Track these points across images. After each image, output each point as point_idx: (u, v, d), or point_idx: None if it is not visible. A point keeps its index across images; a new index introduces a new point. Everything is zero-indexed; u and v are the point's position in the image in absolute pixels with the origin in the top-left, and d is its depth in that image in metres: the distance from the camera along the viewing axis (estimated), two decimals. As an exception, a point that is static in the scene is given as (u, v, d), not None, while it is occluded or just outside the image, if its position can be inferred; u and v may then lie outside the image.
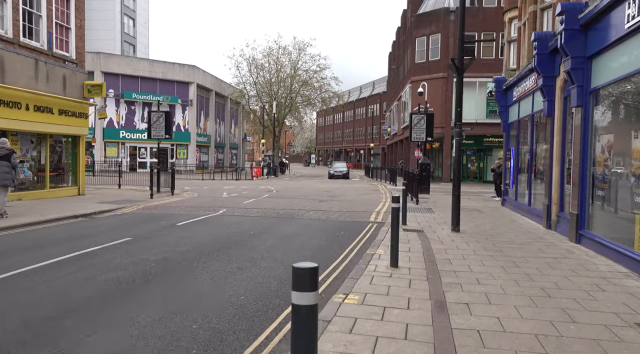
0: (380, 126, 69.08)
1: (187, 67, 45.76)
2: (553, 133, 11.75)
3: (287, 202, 18.30)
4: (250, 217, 13.81)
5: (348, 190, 26.09)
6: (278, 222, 12.75)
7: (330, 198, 20.42)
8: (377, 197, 21.34)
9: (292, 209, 15.90)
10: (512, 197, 17.06)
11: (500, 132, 36.85)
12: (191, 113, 45.88)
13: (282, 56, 50.04)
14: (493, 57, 35.50)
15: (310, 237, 10.37)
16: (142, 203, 16.86)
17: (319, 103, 52.90)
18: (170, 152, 45.25)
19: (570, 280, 6.68)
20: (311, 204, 17.76)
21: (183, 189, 24.68)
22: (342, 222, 13.03)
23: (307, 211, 15.50)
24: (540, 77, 11.87)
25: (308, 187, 28.41)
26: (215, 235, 10.52)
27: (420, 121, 22.11)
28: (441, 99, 35.63)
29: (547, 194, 11.91)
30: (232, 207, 16.05)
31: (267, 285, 6.48)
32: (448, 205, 17.55)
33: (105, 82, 42.12)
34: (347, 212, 15.19)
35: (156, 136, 22.31)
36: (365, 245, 9.53)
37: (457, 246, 9.19)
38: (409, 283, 6.33)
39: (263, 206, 16.55)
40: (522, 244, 9.62)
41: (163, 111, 22.57)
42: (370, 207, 16.75)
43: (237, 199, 19.19)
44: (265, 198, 19.93)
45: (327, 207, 16.51)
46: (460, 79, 11.13)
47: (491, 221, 13.30)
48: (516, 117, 16.44)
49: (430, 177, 24.15)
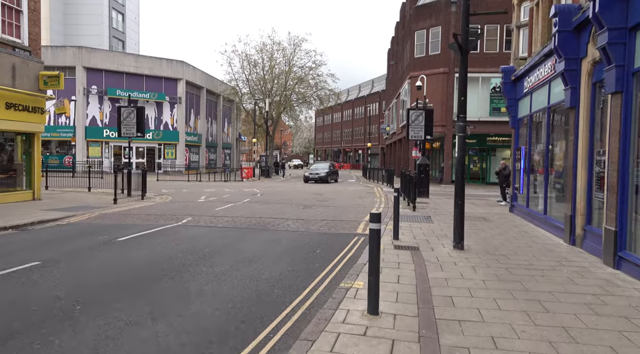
0: (379, 125, 66.92)
1: (176, 63, 43.65)
2: (578, 128, 9.61)
3: (267, 208, 16.19)
4: (215, 228, 11.68)
5: (340, 193, 23.96)
6: (245, 236, 10.62)
7: (318, 203, 18.30)
8: (370, 202, 19.21)
9: (269, 217, 13.77)
10: (522, 203, 14.92)
11: (505, 131, 34.86)
12: (180, 111, 43.77)
13: (276, 52, 47.89)
14: (497, 51, 33.37)
15: (275, 260, 8.23)
16: (99, 210, 14.75)
17: (315, 101, 50.69)
18: (157, 152, 43.19)
19: (633, 341, 4.54)
20: (294, 210, 15.64)
21: (160, 192, 22.59)
22: (323, 235, 10.90)
23: (286, 219, 13.36)
24: (562, 60, 9.74)
25: (297, 190, 26.28)
26: (157, 256, 8.39)
27: (419, 117, 19.97)
28: (442, 96, 33.47)
29: (570, 203, 9.76)
30: (201, 215, 13.92)
31: None
32: (450, 211, 15.43)
33: (89, 79, 40.34)
34: (332, 222, 13.05)
35: (127, 134, 20.20)
36: (342, 271, 7.40)
37: (461, 274, 7.06)
38: (391, 349, 4.20)
39: (237, 214, 14.43)
40: (545, 269, 7.47)
41: (134, 107, 20.44)
42: (360, 215, 14.62)
43: (213, 204, 17.07)
44: (244, 203, 17.81)
45: (310, 215, 14.38)
46: (465, 61, 9.00)
47: (500, 234, 11.17)
48: (527, 111, 14.30)
49: (429, 179, 22.01)
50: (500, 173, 19.10)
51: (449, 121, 33.63)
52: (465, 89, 9.11)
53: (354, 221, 13.35)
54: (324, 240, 10.28)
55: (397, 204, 10.19)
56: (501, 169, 19.20)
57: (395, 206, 10.22)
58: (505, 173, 18.74)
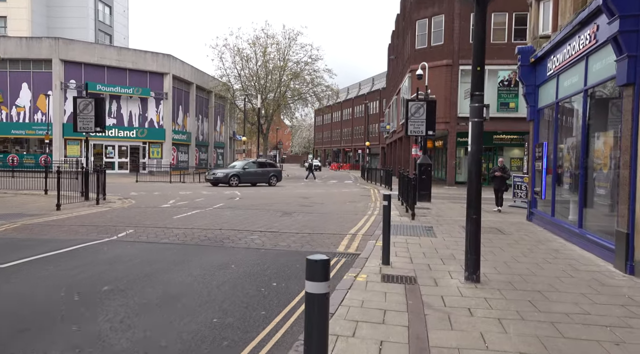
0: (380, 124, 64.23)
1: (162, 57, 41.04)
2: (638, 112, 6.95)
3: (236, 216, 13.56)
4: (154, 245, 9.05)
5: (331, 197, 21.31)
6: (186, 258, 7.99)
7: (301, 209, 15.66)
8: (363, 208, 16.56)
9: (232, 229, 11.13)
10: (544, 211, 12.27)
11: (513, 128, 32.16)
12: (166, 107, 41.15)
13: (270, 46, 45.19)
14: (505, 41, 30.66)
15: (204, 302, 5.59)
16: (30, 218, 12.15)
17: (311, 98, 47.94)
18: (142, 151, 40.60)
19: None
20: (268, 219, 13.00)
21: (127, 195, 20.00)
22: (291, 256, 8.26)
23: (253, 232, 10.72)
24: (614, 20, 7.09)
25: (282, 193, 23.64)
26: (22, 299, 5.76)
27: (419, 109, 17.29)
28: (445, 90, 30.74)
29: (627, 216, 7.10)
30: (149, 226, 11.29)
31: None
32: (456, 220, 12.77)
33: (66, 73, 37.78)
34: (309, 236, 10.40)
35: (84, 129, 17.58)
36: (298, 326, 4.76)
37: (482, 336, 4.41)
38: None
39: (195, 224, 11.79)
40: (614, 325, 4.81)
41: (92, 98, 17.79)
42: (346, 226, 11.98)
43: (176, 211, 14.46)
44: (214, 209, 15.18)
45: (285, 225, 11.74)
46: (483, 12, 6.35)
47: (524, 253, 8.51)
48: (552, 98, 11.64)
49: (431, 180, 19.35)
50: (501, 175, 15.57)
51: (452, 117, 30.96)
52: (482, 57, 6.47)
53: (337, 234, 10.69)
54: (289, 264, 7.64)
55: (388, 216, 7.53)
56: (499, 168, 15.69)
57: (385, 218, 7.57)
58: (507, 175, 15.85)
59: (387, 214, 7.52)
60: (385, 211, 7.51)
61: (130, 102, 39.65)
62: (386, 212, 7.50)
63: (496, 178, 15.68)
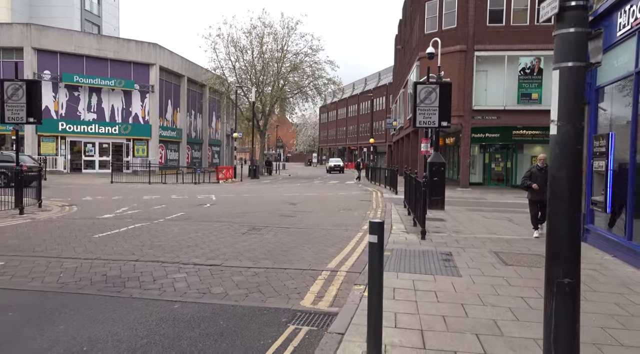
0: (386, 121, 60.51)
1: (147, 46, 37.66)
2: None
3: (183, 233, 10.06)
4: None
5: (325, 201, 17.78)
6: (14, 335, 4.52)
7: (280, 220, 12.15)
8: (359, 218, 13.02)
9: (156, 260, 7.61)
10: (610, 231, 8.68)
11: (535, 122, 28.12)
12: (153, 101, 37.78)
13: (267, 36, 41.64)
14: (527, 23, 26.96)
15: None
16: None
17: (312, 91, 44.27)
18: (125, 149, 37.28)
19: None
20: (224, 239, 9.49)
21: (79, 200, 16.62)
22: (217, 321, 4.76)
23: (184, 265, 7.20)
24: None
25: (271, 196, 20.14)
26: None
27: (431, 94, 13.67)
28: (458, 79, 26.99)
29: None
30: (37, 255, 7.84)
31: None
32: (482, 240, 9.18)
33: (40, 62, 34.55)
34: (267, 272, 6.86)
35: (12, 119, 14.20)
36: None
37: None
38: None
39: (109, 249, 8.29)
40: None
41: (23, 81, 14.36)
42: (330, 249, 8.46)
43: (112, 225, 11.01)
44: (162, 222, 11.70)
45: (241, 251, 8.22)
46: None
47: (616, 316, 4.95)
48: (627, 68, 8.05)
49: (445, 183, 15.75)
50: (543, 182, 9.56)
51: (467, 110, 27.30)
52: None
53: (309, 269, 7.13)
54: (205, 348, 4.14)
55: (378, 280, 3.92)
56: (542, 167, 9.97)
57: (374, 253, 3.96)
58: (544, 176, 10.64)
59: (378, 248, 3.91)
60: (373, 263, 3.89)
61: (113, 96, 36.33)
62: (372, 263, 3.89)
63: (536, 191, 9.85)
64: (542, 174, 9.76)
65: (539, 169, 10.07)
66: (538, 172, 10.03)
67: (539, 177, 9.82)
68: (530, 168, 10.32)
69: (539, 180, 9.82)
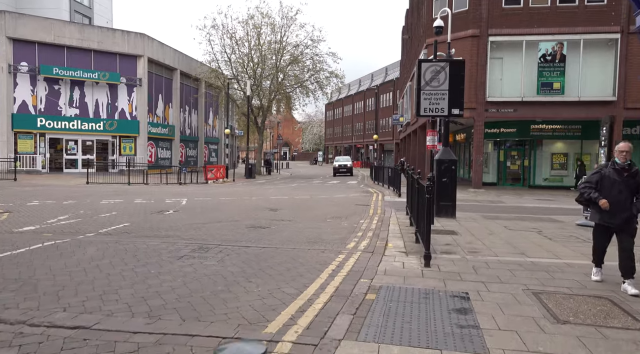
0: (392, 117, 57.54)
1: (134, 36, 35.09)
2: None
3: (90, 260, 7.37)
4: None
5: (315, 206, 15.04)
6: None
7: (246, 233, 9.44)
8: (348, 230, 10.25)
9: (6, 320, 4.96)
10: None
11: (557, 115, 24.90)
12: (140, 96, 35.22)
13: (265, 26, 38.94)
14: (548, 4, 23.99)
15: None
16: None
17: (313, 85, 41.49)
18: (111, 147, 34.78)
19: None
20: (143, 268, 6.79)
21: (22, 205, 14.04)
22: None
23: (17, 334, 4.52)
24: None
25: (253, 200, 17.43)
26: None
27: (439, 74, 10.86)
28: (470, 68, 23.98)
29: None
30: None
31: None
32: (512, 269, 5.92)
33: (16, 53, 32.14)
34: (153, 349, 4.15)
35: None
36: None
37: None
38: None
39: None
40: None
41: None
42: (286, 289, 5.72)
43: (15, 241, 8.39)
44: (83, 238, 9.03)
45: (142, 295, 5.52)
46: None
47: None
48: None
49: (456, 185, 12.88)
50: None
51: (480, 102, 24.36)
52: None
53: (231, 338, 4.39)
54: None
55: None
56: (624, 165, 5.94)
57: None
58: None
59: None
60: None
61: (97, 89, 33.82)
62: None
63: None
64: (625, 179, 5.80)
65: (618, 169, 5.86)
66: (615, 175, 5.86)
67: (617, 185, 5.82)
68: (599, 168, 6.11)
69: (614, 189, 5.81)
